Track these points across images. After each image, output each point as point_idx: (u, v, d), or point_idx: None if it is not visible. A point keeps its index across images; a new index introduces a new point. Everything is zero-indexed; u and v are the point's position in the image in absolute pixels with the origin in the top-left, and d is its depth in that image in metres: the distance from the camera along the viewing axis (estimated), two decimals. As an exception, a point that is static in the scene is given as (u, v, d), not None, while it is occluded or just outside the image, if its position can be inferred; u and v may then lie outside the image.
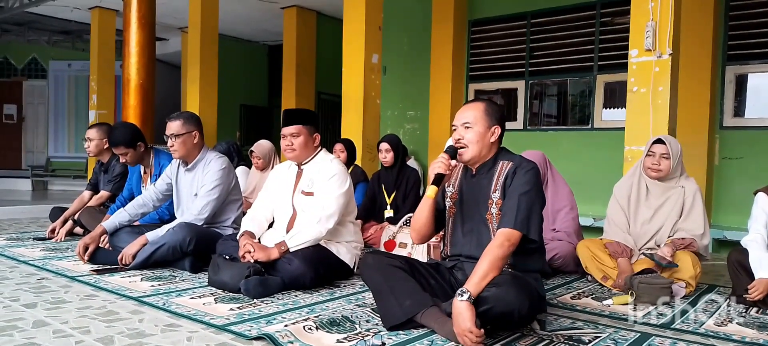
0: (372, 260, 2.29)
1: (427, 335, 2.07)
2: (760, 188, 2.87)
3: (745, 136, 5.39)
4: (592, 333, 2.18)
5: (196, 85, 7.37)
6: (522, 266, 2.20)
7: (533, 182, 2.17)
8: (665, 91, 3.85)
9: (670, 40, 3.84)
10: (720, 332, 2.26)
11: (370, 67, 5.53)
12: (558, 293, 2.86)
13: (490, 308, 1.93)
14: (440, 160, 2.19)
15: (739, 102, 5.59)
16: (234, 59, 10.17)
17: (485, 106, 2.27)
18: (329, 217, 2.77)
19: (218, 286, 2.70)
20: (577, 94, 6.67)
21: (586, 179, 5.75)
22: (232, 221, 3.34)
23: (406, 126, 7.87)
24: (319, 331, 2.10)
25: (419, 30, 7.38)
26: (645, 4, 3.93)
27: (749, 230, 2.82)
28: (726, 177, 5.40)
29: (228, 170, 3.31)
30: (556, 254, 3.21)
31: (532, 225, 2.11)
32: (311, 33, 8.86)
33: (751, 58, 5.41)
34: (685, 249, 2.89)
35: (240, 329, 2.10)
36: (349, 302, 2.55)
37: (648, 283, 2.61)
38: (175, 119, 3.27)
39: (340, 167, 2.89)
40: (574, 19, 6.40)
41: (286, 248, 2.72)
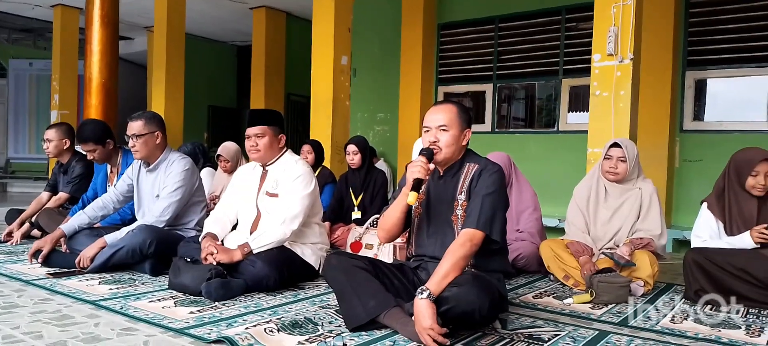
0: (336, 260, 2.28)
1: (389, 336, 2.07)
2: (707, 197, 2.97)
3: (704, 140, 5.55)
4: (552, 332, 2.21)
5: (162, 85, 7.24)
6: (485, 266, 2.22)
7: (498, 184, 2.19)
8: (627, 95, 3.94)
9: (631, 45, 3.93)
10: (675, 329, 2.32)
11: (339, 69, 5.52)
12: (521, 293, 2.90)
13: (451, 308, 1.94)
14: (419, 164, 2.13)
15: (699, 106, 5.76)
16: (202, 59, 10.02)
17: (458, 109, 2.28)
18: (294, 218, 2.75)
19: (179, 289, 2.65)
20: (543, 97, 6.78)
21: (552, 180, 5.84)
22: (195, 223, 3.29)
23: (376, 128, 7.88)
24: (281, 333, 2.08)
25: (389, 33, 7.41)
26: (607, 9, 4.01)
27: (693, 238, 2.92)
28: (686, 179, 5.56)
29: (191, 171, 3.25)
30: (520, 254, 3.25)
31: (495, 226, 2.13)
32: (281, 34, 8.80)
33: (710, 63, 5.59)
34: (643, 249, 2.96)
35: (199, 333, 2.07)
36: (313, 303, 2.54)
37: (607, 282, 2.66)
38: (137, 119, 3.21)
39: (305, 168, 2.87)
40: (540, 23, 6.51)
41: (249, 250, 2.69)
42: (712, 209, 2.92)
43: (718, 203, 2.92)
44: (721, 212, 2.90)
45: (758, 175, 2.79)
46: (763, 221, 2.82)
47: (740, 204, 2.86)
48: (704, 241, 2.90)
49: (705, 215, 2.94)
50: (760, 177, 2.79)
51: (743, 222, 2.85)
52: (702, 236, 2.93)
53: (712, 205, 2.93)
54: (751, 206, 2.85)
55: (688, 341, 2.15)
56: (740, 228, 2.85)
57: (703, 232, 2.93)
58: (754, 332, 2.29)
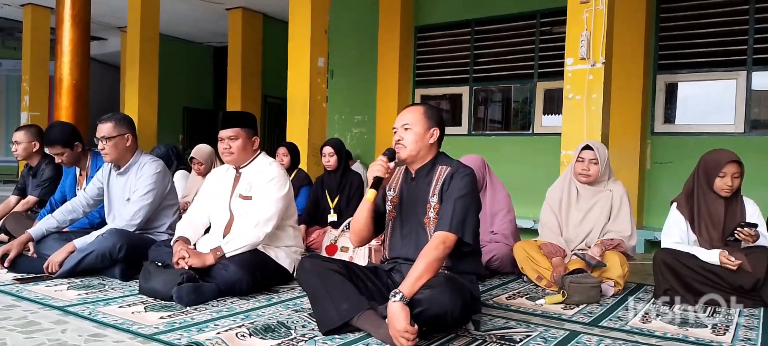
0: (309, 264, 2.27)
1: (362, 339, 2.06)
2: (676, 198, 3.04)
3: (675, 142, 5.67)
4: (524, 332, 2.23)
5: (135, 86, 7.13)
6: (458, 268, 2.23)
7: (470, 186, 2.21)
8: (598, 98, 4.00)
9: (603, 49, 4.00)
10: (644, 328, 2.36)
11: (316, 71, 5.51)
12: (494, 294, 2.92)
13: (423, 310, 1.95)
14: (379, 163, 2.21)
15: (670, 109, 5.89)
16: (177, 61, 9.90)
17: (424, 109, 2.31)
18: (267, 221, 2.73)
19: (149, 294, 2.60)
20: (519, 100, 6.86)
21: (527, 182, 5.90)
22: (167, 227, 3.24)
23: (354, 130, 7.87)
24: (253, 337, 2.06)
25: (367, 35, 7.41)
26: (580, 14, 4.07)
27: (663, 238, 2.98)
28: (657, 181, 5.67)
29: (163, 174, 3.20)
30: (494, 256, 3.28)
31: (467, 228, 2.15)
32: (257, 35, 8.75)
33: (680, 67, 5.71)
34: (614, 249, 3.01)
35: (169, 338, 2.04)
36: (287, 307, 2.52)
37: (578, 282, 2.70)
38: (107, 121, 3.15)
39: (279, 171, 2.85)
40: (515, 27, 6.58)
41: (222, 254, 2.65)
42: (682, 210, 2.99)
43: (687, 203, 2.98)
44: (689, 212, 2.96)
45: (725, 176, 2.86)
46: (730, 220, 2.89)
47: (708, 205, 2.93)
48: (675, 242, 2.95)
49: (674, 216, 3.00)
50: (727, 178, 2.86)
51: (711, 222, 2.92)
52: (672, 236, 2.99)
53: (681, 205, 3.00)
54: (718, 206, 2.91)
55: (656, 340, 2.19)
56: (708, 228, 2.92)
57: (672, 232, 2.99)
58: (720, 330, 2.35)
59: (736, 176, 2.86)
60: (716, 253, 2.78)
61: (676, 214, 2.98)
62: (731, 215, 2.92)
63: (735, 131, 5.44)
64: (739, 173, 2.87)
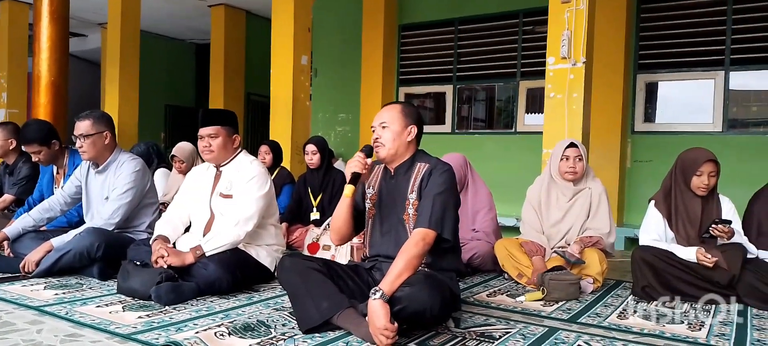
0: (289, 262, 2.26)
1: (342, 337, 2.06)
2: (654, 196, 3.08)
3: (654, 141, 5.75)
4: (503, 329, 2.25)
5: (116, 83, 7.05)
6: (438, 265, 2.24)
7: (448, 183, 2.21)
8: (579, 97, 4.04)
9: (584, 49, 4.04)
10: (622, 324, 2.39)
11: (299, 69, 5.48)
12: (475, 291, 2.93)
13: (403, 308, 1.95)
14: (356, 159, 2.22)
15: (650, 108, 5.97)
16: (158, 58, 9.79)
17: (401, 107, 2.32)
18: (248, 220, 2.71)
19: (128, 293, 2.57)
20: (503, 99, 6.90)
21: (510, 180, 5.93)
22: (146, 226, 3.20)
23: (338, 128, 7.86)
24: (232, 337, 2.05)
25: (351, 33, 7.40)
26: (561, 14, 4.11)
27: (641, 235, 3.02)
28: (637, 179, 5.74)
29: (142, 172, 3.16)
30: (475, 254, 3.30)
31: (447, 225, 2.15)
32: (240, 32, 8.68)
33: (660, 67, 5.80)
34: (593, 247, 3.04)
35: (147, 338, 2.02)
36: (267, 306, 2.51)
37: (558, 279, 2.72)
38: (85, 119, 3.10)
39: (260, 169, 2.83)
40: (498, 26, 6.62)
41: (202, 253, 2.63)
42: (659, 207, 3.03)
43: (664, 201, 3.03)
44: (667, 210, 3.00)
45: (702, 175, 2.90)
46: (706, 218, 2.94)
47: (685, 203, 2.97)
48: (654, 240, 2.99)
49: (652, 213, 3.04)
50: (704, 177, 2.90)
51: (688, 220, 2.96)
52: (650, 233, 3.03)
53: (659, 203, 3.04)
54: (695, 204, 2.96)
55: (633, 336, 2.22)
56: (685, 226, 2.96)
57: (650, 229, 3.03)
58: (695, 326, 2.38)
59: (712, 175, 2.90)
60: (693, 250, 2.82)
61: (654, 212, 3.02)
62: (708, 213, 2.96)
63: (713, 130, 5.53)
64: (715, 172, 2.91)
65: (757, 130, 5.48)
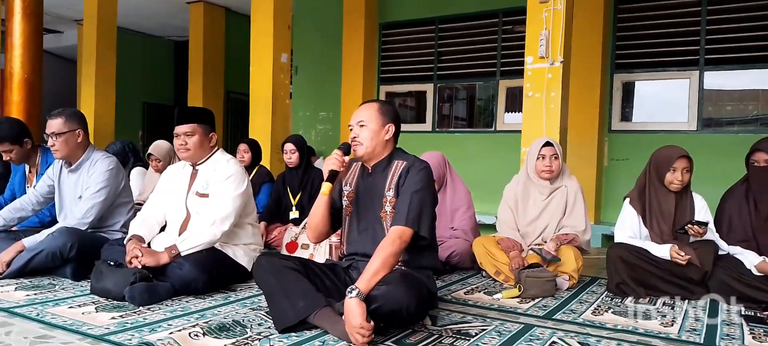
0: (265, 261, 2.24)
1: (319, 336, 2.05)
2: (629, 193, 3.13)
3: (631, 139, 5.83)
4: (480, 326, 2.26)
5: (92, 81, 6.94)
6: (415, 262, 2.25)
7: (425, 180, 2.22)
8: (557, 96, 4.07)
9: (561, 48, 4.07)
10: (596, 321, 2.42)
11: (279, 67, 5.45)
12: (453, 289, 2.95)
13: (379, 306, 1.96)
14: (334, 156, 2.22)
15: (626, 107, 6.05)
16: (136, 55, 9.65)
17: (379, 106, 2.32)
18: (224, 219, 2.68)
19: (101, 294, 2.53)
20: (484, 98, 6.93)
21: (490, 179, 5.97)
22: (121, 225, 3.15)
23: (319, 127, 7.83)
24: (207, 337, 2.03)
25: (331, 31, 7.37)
26: (539, 14, 4.14)
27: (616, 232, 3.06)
28: (614, 177, 5.81)
29: (116, 171, 3.12)
30: (454, 252, 3.31)
31: (424, 222, 2.16)
32: (220, 29, 8.60)
33: (637, 66, 5.88)
34: (569, 244, 3.08)
35: (120, 339, 1.99)
36: (244, 305, 2.49)
37: (534, 277, 2.75)
38: (57, 116, 3.04)
39: (237, 168, 2.81)
40: (478, 26, 6.65)
41: (177, 252, 2.60)
42: (634, 204, 3.07)
43: (639, 198, 3.07)
44: (641, 206, 3.05)
45: (676, 171, 2.95)
46: (680, 214, 2.99)
47: (659, 199, 3.02)
48: (629, 237, 3.04)
49: (627, 211, 3.09)
50: (677, 173, 2.95)
51: (662, 216, 3.01)
52: (625, 230, 3.07)
53: (634, 200, 3.08)
54: (669, 200, 3.00)
55: (607, 332, 2.25)
56: (659, 222, 3.01)
57: (625, 227, 3.07)
58: (668, 322, 2.42)
59: (686, 171, 2.95)
60: (667, 248, 2.87)
61: (629, 209, 3.06)
62: (681, 209, 3.01)
63: (688, 129, 5.63)
64: (689, 168, 2.97)
65: (730, 129, 5.58)
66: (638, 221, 3.04)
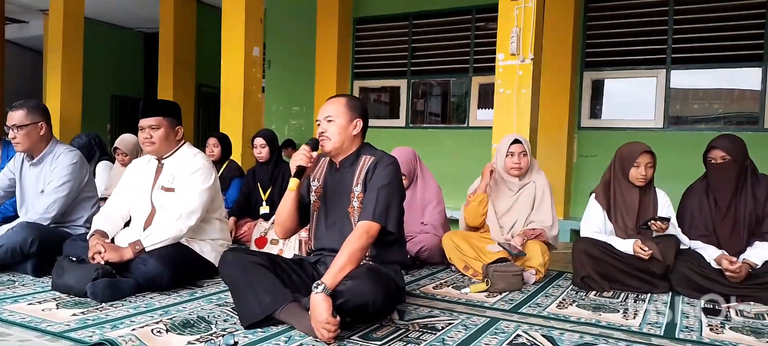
0: (231, 257, 2.22)
1: (285, 332, 2.04)
2: (595, 189, 3.19)
3: (600, 136, 5.94)
4: (446, 320, 2.27)
5: (58, 72, 6.77)
6: (382, 257, 2.25)
7: (393, 175, 2.22)
8: (528, 93, 4.12)
9: (532, 45, 4.11)
10: (560, 314, 2.46)
11: (251, 60, 5.39)
12: (422, 284, 2.96)
13: (345, 301, 1.95)
14: (302, 152, 2.20)
15: (596, 105, 6.16)
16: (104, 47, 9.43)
17: (347, 101, 2.31)
18: (191, 214, 2.64)
19: (63, 290, 2.47)
20: (459, 94, 6.97)
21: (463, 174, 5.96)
22: (84, 220, 3.08)
23: (292, 122, 7.78)
24: (170, 333, 1.99)
25: (305, 25, 7.32)
26: (511, 11, 4.17)
27: (582, 227, 3.12)
28: (583, 173, 5.91)
29: (80, 165, 3.05)
30: (423, 247, 3.32)
31: (391, 217, 2.16)
32: (191, 22, 8.45)
33: (606, 65, 5.98)
34: (536, 239, 3.12)
35: (80, 336, 1.94)
36: (210, 301, 2.46)
37: (501, 271, 2.78)
38: (18, 109, 2.96)
39: (204, 162, 2.77)
40: (452, 22, 6.68)
41: (141, 248, 2.55)
42: (599, 199, 3.13)
43: (604, 193, 3.13)
44: (606, 202, 3.11)
45: (639, 166, 3.02)
46: (643, 209, 3.06)
47: (624, 194, 3.08)
48: (594, 232, 3.10)
49: (593, 206, 3.15)
50: (641, 168, 3.02)
51: (626, 211, 3.07)
52: (591, 225, 3.13)
53: (599, 195, 3.14)
54: (633, 195, 3.07)
55: (570, 325, 2.29)
56: (624, 217, 3.07)
57: (591, 221, 3.13)
58: (630, 315, 2.48)
59: (649, 166, 3.02)
60: (630, 243, 2.93)
61: (594, 204, 3.12)
62: (645, 204, 3.08)
63: (654, 126, 5.76)
64: (652, 163, 3.03)
65: (695, 127, 5.72)
66: (603, 216, 3.09)
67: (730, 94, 5.78)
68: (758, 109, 5.44)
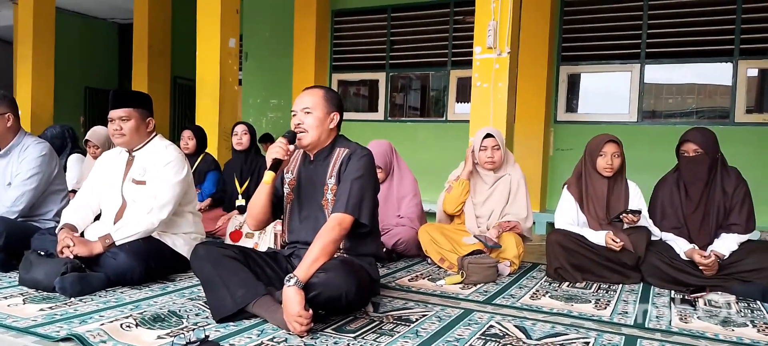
0: (203, 250, 2.18)
1: (257, 325, 2.03)
2: (567, 180, 3.23)
3: (576, 130, 6.00)
4: (421, 312, 2.28)
5: (29, 63, 6.61)
6: (356, 250, 2.25)
7: (367, 168, 2.21)
8: (504, 87, 4.13)
9: (509, 39, 4.13)
10: (533, 305, 2.49)
11: (226, 52, 5.31)
12: (398, 276, 2.97)
13: (318, 294, 1.94)
14: (278, 145, 2.16)
15: (572, 99, 6.22)
16: (77, 37, 9.21)
17: (324, 93, 2.28)
18: (162, 207, 2.60)
19: (30, 285, 2.42)
20: (438, 88, 6.98)
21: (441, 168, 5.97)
22: (54, 214, 3.02)
23: (269, 114, 7.72)
24: (140, 328, 1.97)
25: (283, 17, 7.26)
26: (487, 4, 4.18)
27: (556, 219, 3.16)
28: (559, 166, 5.97)
29: (48, 157, 2.98)
30: (399, 239, 3.33)
31: (364, 210, 2.16)
32: (166, 12, 8.29)
33: (582, 59, 6.04)
34: (511, 231, 3.14)
35: (46, 331, 1.90)
36: (182, 295, 2.43)
37: (476, 263, 2.80)
38: (-17, 100, 2.88)
39: (176, 154, 2.72)
40: (430, 15, 6.68)
41: (111, 242, 2.51)
42: (572, 191, 3.17)
43: (576, 185, 3.17)
44: (578, 193, 3.15)
45: (605, 155, 3.07)
46: (613, 198, 3.10)
47: (594, 185, 3.13)
48: (568, 223, 3.13)
49: (566, 197, 3.18)
50: (607, 157, 3.06)
51: (597, 200, 3.11)
52: (564, 217, 3.17)
53: (571, 186, 3.19)
54: (602, 185, 3.11)
55: (543, 316, 2.31)
56: (595, 206, 3.11)
57: (564, 213, 3.17)
58: (602, 305, 2.51)
59: (615, 156, 3.07)
60: (602, 234, 2.97)
61: (567, 195, 3.16)
62: (616, 195, 3.13)
63: (629, 120, 5.84)
64: (618, 153, 3.08)
65: (668, 120, 5.82)
66: (576, 207, 3.13)
67: (702, 89, 5.89)
68: (729, 103, 5.55)
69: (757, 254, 2.82)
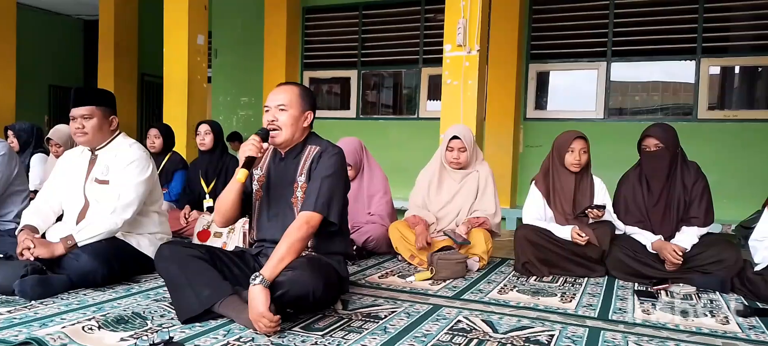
0: (167, 250, 2.15)
1: (224, 325, 2.01)
2: (535, 176, 3.28)
3: (545, 127, 6.09)
4: (390, 309, 2.29)
5: (-11, 61, 6.40)
6: (325, 248, 2.24)
7: (337, 166, 2.20)
8: (474, 84, 4.18)
9: (478, 37, 4.17)
10: (501, 299, 2.52)
11: (195, 49, 5.24)
12: (368, 273, 2.97)
13: (285, 292, 1.93)
14: (251, 142, 2.11)
15: (541, 96, 6.31)
16: (41, 34, 8.97)
17: (300, 90, 2.26)
18: (126, 207, 2.55)
19: (-12, 289, 2.35)
20: (410, 86, 7.00)
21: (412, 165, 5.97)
22: (14, 215, 2.93)
23: (240, 113, 7.64)
24: (102, 330, 1.92)
25: (253, 14, 7.19)
26: (458, 2, 4.21)
27: (524, 215, 3.20)
28: (529, 163, 6.06)
29: (7, 157, 2.89)
30: (370, 237, 3.33)
31: (333, 208, 2.15)
32: (133, 8, 8.13)
33: (550, 57, 6.14)
34: (479, 227, 3.18)
35: (4, 336, 1.85)
36: (147, 297, 2.39)
37: (446, 259, 2.82)
38: (-63, 97, 2.78)
39: (140, 153, 2.67)
40: (402, 13, 6.70)
41: (73, 243, 2.44)
42: (539, 186, 3.22)
43: (544, 180, 3.23)
44: (545, 188, 3.20)
45: (574, 151, 3.13)
46: (580, 194, 3.17)
47: (561, 180, 3.18)
48: (536, 219, 3.18)
49: (533, 193, 3.24)
50: (575, 153, 3.12)
51: (564, 195, 3.17)
52: (532, 212, 3.22)
53: (539, 182, 3.24)
54: (569, 181, 3.17)
55: (510, 309, 2.35)
56: (561, 202, 3.17)
57: (532, 209, 3.22)
58: (567, 299, 2.56)
59: (583, 151, 3.13)
60: (568, 229, 3.03)
61: (535, 191, 3.21)
62: (582, 190, 3.19)
63: (595, 117, 5.95)
64: (585, 149, 3.15)
65: (633, 117, 5.95)
66: (543, 203, 3.19)
67: (666, 87, 6.04)
68: (692, 100, 5.70)
69: (717, 246, 2.91)
